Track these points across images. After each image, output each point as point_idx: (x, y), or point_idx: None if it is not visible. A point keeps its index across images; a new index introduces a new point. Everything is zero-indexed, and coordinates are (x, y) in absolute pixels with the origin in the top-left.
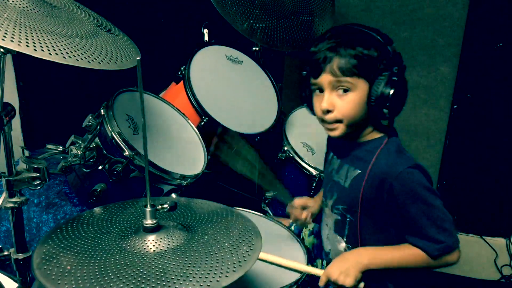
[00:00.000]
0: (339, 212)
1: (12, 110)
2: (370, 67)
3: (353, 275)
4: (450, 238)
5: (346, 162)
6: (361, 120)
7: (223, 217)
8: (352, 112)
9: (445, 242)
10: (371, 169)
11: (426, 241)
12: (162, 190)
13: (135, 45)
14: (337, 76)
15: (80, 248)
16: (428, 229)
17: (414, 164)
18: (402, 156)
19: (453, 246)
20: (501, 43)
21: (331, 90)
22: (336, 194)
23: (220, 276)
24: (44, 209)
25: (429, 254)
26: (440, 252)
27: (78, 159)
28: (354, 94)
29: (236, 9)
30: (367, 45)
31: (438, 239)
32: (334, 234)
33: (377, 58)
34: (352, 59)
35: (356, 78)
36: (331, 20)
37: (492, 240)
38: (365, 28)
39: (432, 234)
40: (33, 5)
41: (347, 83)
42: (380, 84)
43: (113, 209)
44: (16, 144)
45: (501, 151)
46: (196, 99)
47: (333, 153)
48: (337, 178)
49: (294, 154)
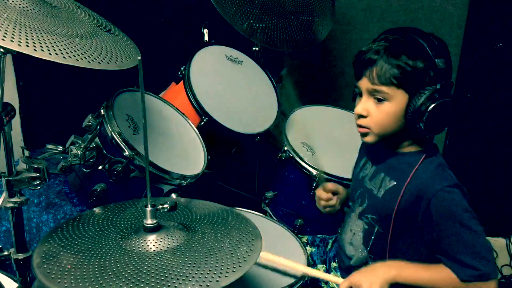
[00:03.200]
0: (368, 222)
1: (12, 110)
2: (412, 79)
3: (377, 284)
4: (487, 266)
5: (381, 171)
6: (395, 131)
7: (223, 217)
8: (384, 122)
9: (480, 269)
10: (408, 183)
11: (458, 265)
12: (162, 190)
13: (135, 45)
14: (375, 83)
15: (80, 247)
16: (463, 253)
17: (454, 183)
18: (443, 174)
19: (489, 276)
20: (501, 43)
21: (369, 96)
22: (367, 202)
23: (219, 276)
24: (44, 209)
25: (460, 278)
26: (470, 278)
27: (78, 159)
28: (390, 105)
29: (236, 9)
30: (413, 55)
31: (471, 264)
32: (360, 242)
33: (422, 71)
34: (392, 69)
35: (395, 88)
36: (331, 20)
37: (492, 240)
38: (420, 36)
39: (465, 259)
40: (33, 5)
41: (384, 92)
42: (420, 99)
43: (113, 209)
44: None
45: (501, 151)
46: (196, 99)
47: (367, 158)
48: (369, 186)
49: (294, 154)
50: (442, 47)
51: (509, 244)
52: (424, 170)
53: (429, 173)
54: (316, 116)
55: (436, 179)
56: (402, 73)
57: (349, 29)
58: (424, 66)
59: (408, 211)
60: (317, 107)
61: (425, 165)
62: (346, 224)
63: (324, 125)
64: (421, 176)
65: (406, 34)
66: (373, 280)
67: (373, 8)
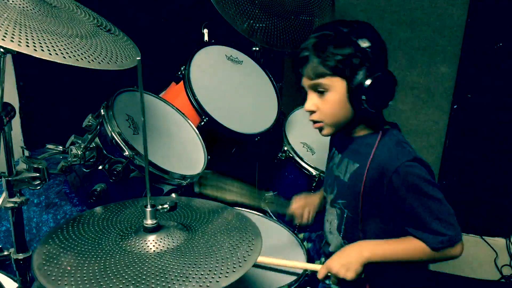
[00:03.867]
0: (339, 207)
1: (12, 110)
2: (343, 65)
3: (354, 268)
4: (453, 230)
5: (345, 156)
6: (346, 117)
7: (223, 217)
8: (333, 111)
9: (447, 234)
10: (370, 163)
11: (427, 234)
12: (162, 190)
13: (135, 45)
14: (312, 78)
15: (80, 248)
16: (429, 222)
17: (413, 157)
18: (402, 150)
19: (456, 239)
20: (501, 43)
21: (312, 91)
22: (336, 189)
23: (219, 276)
24: (44, 209)
25: (431, 246)
26: (442, 244)
27: (78, 159)
28: (332, 94)
29: (236, 9)
30: (338, 44)
31: (440, 231)
32: (334, 229)
33: (349, 55)
34: (324, 61)
35: (331, 78)
36: (331, 20)
37: (492, 240)
38: (341, 25)
39: (433, 227)
40: (33, 5)
41: (323, 84)
42: (356, 80)
43: (113, 209)
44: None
45: (501, 151)
46: (196, 99)
47: (335, 148)
48: (337, 173)
49: (294, 154)
50: (365, 28)
51: (509, 244)
52: (382, 149)
53: (388, 151)
54: None
55: (395, 155)
56: (333, 63)
57: None
58: (350, 50)
59: (373, 191)
60: None
61: (383, 143)
62: (325, 215)
63: None
64: (380, 154)
65: (328, 27)
66: (348, 266)
67: (373, 8)
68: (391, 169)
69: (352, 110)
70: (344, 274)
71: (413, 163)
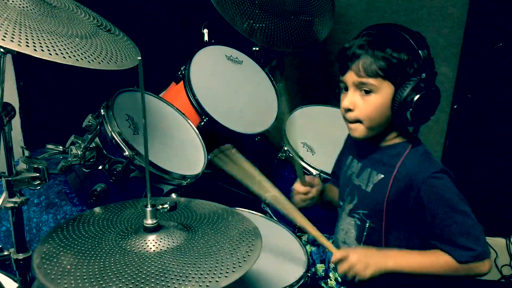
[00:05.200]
0: (359, 217)
1: (12, 110)
2: (397, 70)
3: (371, 271)
4: (480, 246)
5: (368, 166)
6: (383, 123)
7: (223, 218)
8: (373, 114)
9: (475, 249)
10: (396, 175)
11: (455, 248)
12: (162, 190)
13: (135, 45)
14: (361, 76)
15: (80, 247)
16: (458, 236)
17: (441, 169)
18: (429, 161)
19: (484, 255)
20: (501, 43)
21: (355, 89)
22: (356, 199)
23: (219, 276)
24: (44, 209)
25: (458, 259)
26: (469, 259)
27: (78, 159)
28: (376, 97)
29: (236, 9)
30: (397, 47)
31: (467, 246)
32: (353, 239)
33: (406, 62)
34: (378, 61)
35: (381, 80)
36: (331, 20)
37: (492, 240)
38: (402, 30)
39: (462, 242)
40: (33, 5)
41: (370, 84)
42: (406, 89)
43: (113, 209)
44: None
45: (501, 151)
46: (196, 99)
47: (352, 156)
48: (357, 182)
49: (294, 154)
50: (423, 40)
51: (509, 244)
52: (410, 160)
53: (416, 162)
54: (316, 116)
55: (423, 166)
56: (387, 65)
57: (349, 29)
58: (408, 57)
59: (399, 202)
60: (317, 107)
61: (410, 154)
62: (338, 223)
63: (324, 125)
64: (407, 165)
65: (388, 28)
66: (368, 265)
67: (373, 8)
68: (419, 180)
69: (390, 118)
70: (359, 270)
71: (442, 175)
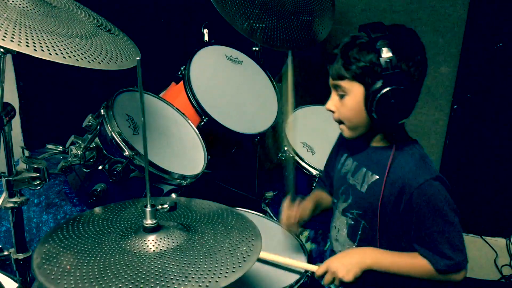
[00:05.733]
0: (353, 217)
1: (12, 110)
2: (363, 71)
3: (353, 271)
4: (460, 256)
5: (363, 165)
6: (364, 124)
7: (223, 217)
8: (349, 115)
9: (455, 260)
10: (388, 176)
11: (436, 255)
12: (162, 190)
13: (135, 45)
14: (334, 79)
15: (80, 248)
16: (441, 244)
17: (436, 175)
18: (425, 166)
19: (462, 265)
20: (501, 43)
21: (334, 91)
22: (351, 198)
23: (219, 276)
24: (44, 209)
25: (436, 267)
26: (447, 268)
27: (78, 159)
28: (349, 98)
29: (236, 9)
30: (362, 49)
31: (448, 255)
32: (345, 238)
33: (372, 62)
34: (346, 64)
35: (350, 82)
36: (331, 20)
37: (492, 240)
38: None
39: (443, 250)
40: (33, 5)
41: (342, 87)
42: (372, 88)
43: (113, 209)
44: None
45: (501, 151)
46: (196, 99)
47: (347, 154)
48: (352, 182)
49: (294, 154)
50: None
51: (509, 244)
52: (406, 163)
53: (411, 166)
54: (316, 116)
55: (418, 172)
56: (353, 67)
57: (349, 29)
58: (372, 58)
59: (392, 204)
60: (317, 107)
61: (405, 157)
62: (332, 221)
63: (324, 125)
64: (402, 168)
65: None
66: (349, 267)
67: (373, 8)
68: (414, 185)
69: (368, 118)
70: (343, 274)
71: (436, 182)
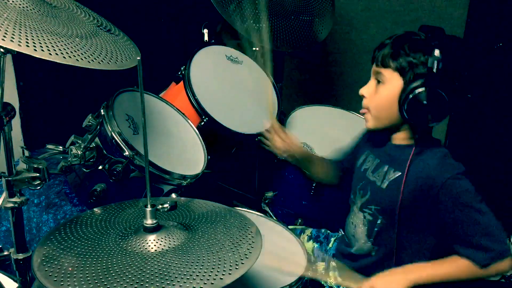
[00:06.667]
0: (371, 213)
1: (12, 110)
2: (409, 66)
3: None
4: (501, 245)
5: (385, 163)
6: (390, 117)
7: (223, 217)
8: (379, 104)
9: (495, 249)
10: (409, 173)
11: (474, 250)
12: (162, 190)
13: (135, 45)
14: (378, 65)
15: (80, 249)
16: (476, 236)
17: (463, 170)
18: (449, 162)
19: (504, 253)
20: (501, 43)
21: (374, 78)
22: (369, 194)
23: (223, 274)
24: (44, 209)
25: (478, 263)
26: (490, 261)
27: (78, 159)
28: (386, 88)
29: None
30: (417, 46)
31: (487, 246)
32: (362, 234)
33: (418, 60)
34: (394, 54)
35: (391, 71)
36: (331, 20)
37: None
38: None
39: (481, 242)
40: (33, 5)
41: (381, 74)
42: (410, 86)
43: (113, 209)
44: (16, 144)
45: (501, 151)
46: (196, 99)
47: (369, 151)
48: (372, 178)
49: None
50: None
51: (509, 244)
52: (429, 160)
53: (435, 163)
54: (316, 116)
55: (443, 168)
56: (401, 59)
57: (349, 29)
58: (421, 58)
59: (415, 201)
60: (317, 107)
61: (428, 155)
62: (349, 217)
63: (324, 125)
64: (426, 166)
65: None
66: (393, 285)
67: (373, 8)
68: (439, 181)
69: (398, 114)
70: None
71: (462, 176)
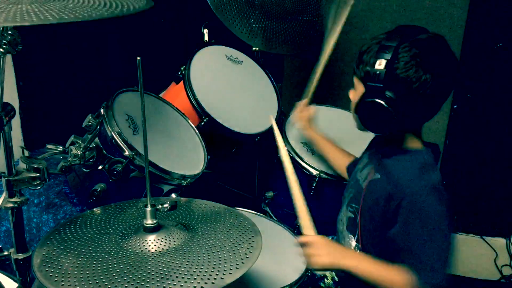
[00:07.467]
0: (352, 210)
1: (12, 110)
2: (368, 74)
3: (322, 263)
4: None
5: (371, 163)
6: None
7: (223, 217)
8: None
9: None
10: (386, 177)
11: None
12: (162, 190)
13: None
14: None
15: (80, 249)
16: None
17: (433, 186)
18: (422, 176)
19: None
20: (501, 43)
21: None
22: (354, 192)
23: (224, 273)
24: (44, 209)
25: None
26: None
27: (78, 159)
28: (355, 93)
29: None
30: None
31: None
32: (346, 231)
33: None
34: (360, 62)
35: (357, 79)
36: None
37: (492, 240)
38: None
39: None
40: None
41: (353, 81)
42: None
43: (113, 209)
44: (16, 144)
45: (501, 151)
46: (196, 99)
47: (369, 151)
48: (358, 176)
49: (294, 154)
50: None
51: (509, 244)
52: (404, 168)
53: (408, 173)
54: (316, 116)
55: (413, 180)
56: (363, 67)
57: (349, 29)
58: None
59: (381, 206)
60: (317, 107)
61: (405, 163)
62: (339, 213)
63: (324, 125)
64: (399, 173)
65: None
66: (325, 257)
67: (373, 8)
68: (404, 192)
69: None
70: (311, 259)
71: (429, 193)
